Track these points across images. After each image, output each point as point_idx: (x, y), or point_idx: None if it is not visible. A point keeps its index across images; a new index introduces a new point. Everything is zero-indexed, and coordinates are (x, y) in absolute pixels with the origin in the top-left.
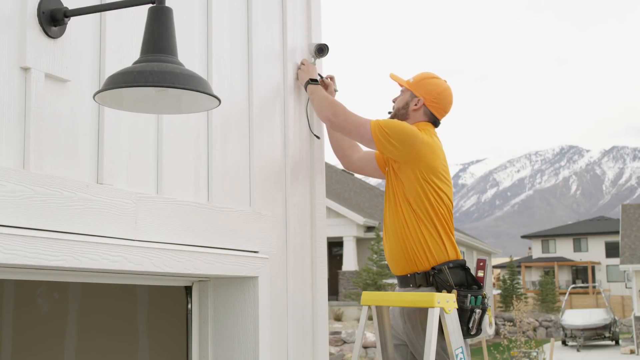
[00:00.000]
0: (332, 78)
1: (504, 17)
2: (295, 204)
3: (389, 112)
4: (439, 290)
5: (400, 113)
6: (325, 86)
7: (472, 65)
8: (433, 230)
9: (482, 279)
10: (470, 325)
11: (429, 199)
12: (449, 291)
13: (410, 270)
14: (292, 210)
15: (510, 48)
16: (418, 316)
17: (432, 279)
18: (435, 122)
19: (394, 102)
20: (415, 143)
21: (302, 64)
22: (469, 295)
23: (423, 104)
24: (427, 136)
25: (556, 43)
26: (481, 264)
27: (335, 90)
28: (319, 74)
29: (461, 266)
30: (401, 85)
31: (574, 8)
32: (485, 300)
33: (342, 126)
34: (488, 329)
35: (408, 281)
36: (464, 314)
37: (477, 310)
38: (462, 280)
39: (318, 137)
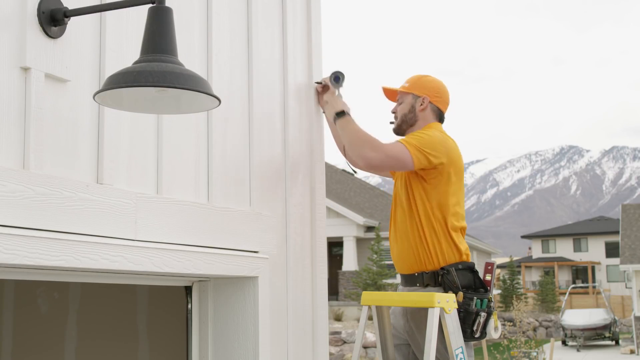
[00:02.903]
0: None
1: (501, 17)
2: (295, 204)
3: (391, 122)
4: (445, 290)
5: (408, 118)
6: (326, 88)
7: (470, 65)
8: (447, 231)
9: (490, 282)
10: (475, 328)
11: (451, 201)
12: (456, 292)
13: (419, 269)
14: (292, 210)
15: (508, 49)
16: (424, 316)
17: (440, 279)
18: (441, 118)
19: (394, 112)
20: (448, 151)
21: (320, 91)
22: (475, 297)
23: (429, 102)
24: (448, 136)
25: (554, 44)
26: (489, 267)
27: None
28: (316, 81)
29: (469, 268)
30: (400, 92)
31: (571, 9)
32: (491, 304)
33: (383, 162)
34: (493, 333)
35: (415, 280)
36: (469, 317)
37: (482, 314)
38: (469, 282)
39: (355, 172)
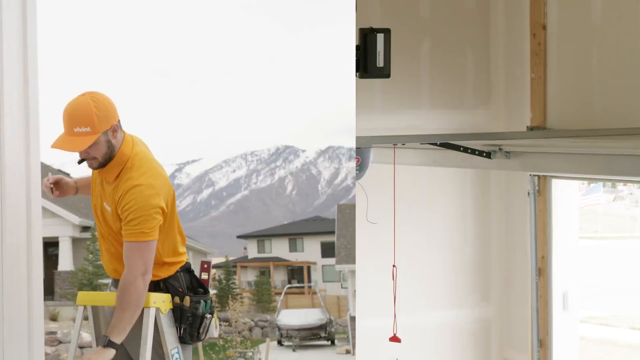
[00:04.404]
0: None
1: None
2: (11, 204)
3: (79, 162)
4: (172, 296)
5: (109, 155)
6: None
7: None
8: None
9: (207, 281)
10: (201, 330)
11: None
12: (182, 297)
13: None
14: (8, 211)
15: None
16: None
17: (162, 285)
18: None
19: (86, 157)
20: (164, 197)
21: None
22: (202, 301)
23: (117, 125)
24: (153, 164)
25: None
26: (205, 266)
27: None
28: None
29: (186, 269)
30: (89, 142)
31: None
32: (212, 303)
33: (148, 272)
34: (214, 331)
35: None
36: (196, 320)
37: (208, 316)
38: (187, 284)
39: None
